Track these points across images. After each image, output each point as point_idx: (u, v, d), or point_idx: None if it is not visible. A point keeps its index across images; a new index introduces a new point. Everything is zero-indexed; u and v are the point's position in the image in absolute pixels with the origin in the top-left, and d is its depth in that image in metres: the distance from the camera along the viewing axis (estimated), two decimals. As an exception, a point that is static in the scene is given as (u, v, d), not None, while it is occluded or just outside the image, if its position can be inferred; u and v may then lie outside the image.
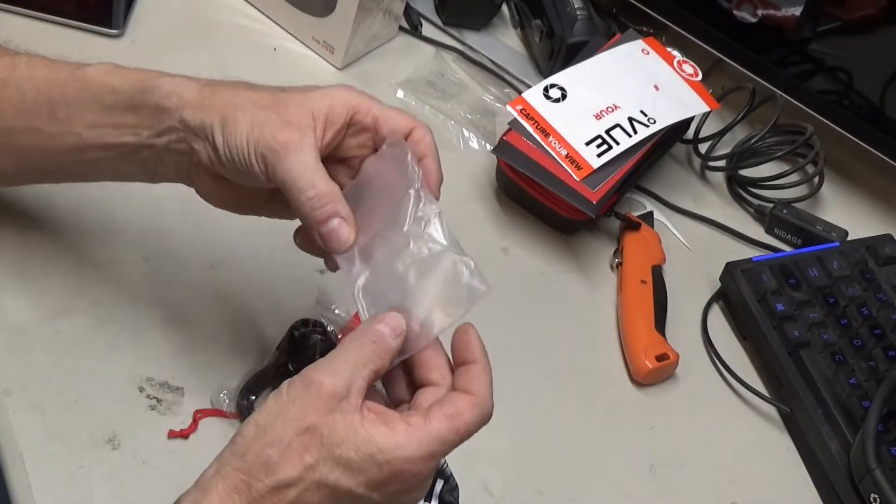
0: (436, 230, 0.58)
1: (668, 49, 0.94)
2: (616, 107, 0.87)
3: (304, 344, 0.70)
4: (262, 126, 0.58)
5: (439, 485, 0.65)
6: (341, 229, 0.58)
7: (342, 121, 0.60)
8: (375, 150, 0.62)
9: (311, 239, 0.61)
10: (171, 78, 0.61)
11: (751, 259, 0.88)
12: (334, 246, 0.58)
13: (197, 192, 0.64)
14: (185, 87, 0.60)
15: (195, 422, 0.68)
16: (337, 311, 0.74)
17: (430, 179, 0.61)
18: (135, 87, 0.61)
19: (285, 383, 0.53)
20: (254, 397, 0.68)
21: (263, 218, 0.71)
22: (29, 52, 0.66)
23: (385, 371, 0.55)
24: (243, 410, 0.68)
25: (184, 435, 0.67)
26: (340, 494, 0.52)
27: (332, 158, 0.61)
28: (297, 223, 0.62)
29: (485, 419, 0.54)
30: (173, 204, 0.78)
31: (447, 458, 0.65)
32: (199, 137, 0.59)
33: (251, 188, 0.62)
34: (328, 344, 0.70)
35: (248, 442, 0.52)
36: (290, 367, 0.69)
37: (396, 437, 0.51)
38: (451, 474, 0.66)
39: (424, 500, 0.64)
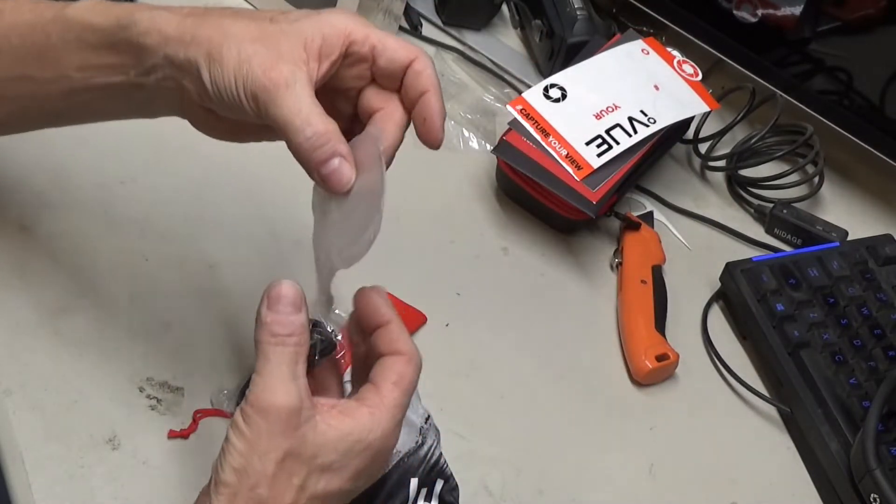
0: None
1: (668, 49, 0.94)
2: (616, 106, 0.87)
3: None
4: (250, 62, 0.53)
5: (439, 485, 0.65)
6: (342, 168, 0.54)
7: (338, 52, 0.56)
8: (373, 80, 0.58)
9: None
10: (150, 12, 0.56)
11: (751, 259, 0.88)
12: (336, 186, 0.54)
13: (192, 124, 0.61)
14: (165, 22, 0.55)
15: (195, 422, 0.68)
16: (337, 311, 0.74)
17: (432, 113, 0.57)
18: (113, 24, 0.57)
19: (238, 417, 0.53)
20: None
21: (263, 220, 0.71)
22: None
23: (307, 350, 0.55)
24: None
25: (184, 435, 0.67)
26: (332, 496, 0.53)
27: (329, 88, 0.58)
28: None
29: (420, 370, 0.56)
30: (174, 203, 0.78)
31: (447, 458, 0.65)
32: (186, 73, 0.55)
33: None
34: (328, 344, 0.70)
35: (232, 489, 0.51)
36: None
37: (364, 422, 0.53)
38: (451, 474, 0.66)
39: (425, 501, 0.64)
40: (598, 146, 0.85)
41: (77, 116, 0.64)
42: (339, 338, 0.70)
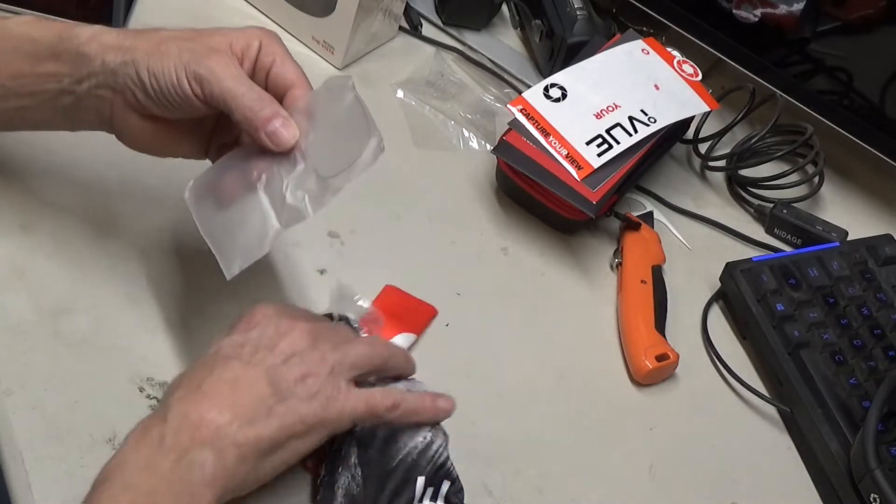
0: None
1: (668, 49, 0.94)
2: (616, 106, 0.87)
3: None
4: (190, 52, 0.62)
5: (445, 486, 0.65)
6: (288, 125, 0.62)
7: (255, 54, 0.65)
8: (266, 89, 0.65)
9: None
10: (91, 26, 0.65)
11: (751, 259, 0.88)
12: (284, 140, 0.62)
13: (118, 137, 0.67)
14: (105, 34, 0.64)
15: (195, 422, 0.68)
16: (359, 302, 0.74)
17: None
18: (55, 37, 0.64)
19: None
20: None
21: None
22: None
23: None
24: None
25: (184, 435, 0.67)
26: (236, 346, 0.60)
27: None
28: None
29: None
30: (174, 203, 0.78)
31: (453, 459, 0.65)
32: (120, 76, 0.63)
33: (173, 125, 0.66)
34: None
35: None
36: None
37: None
38: (458, 477, 0.66)
39: (430, 500, 0.64)
40: (599, 146, 0.85)
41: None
42: (364, 329, 0.72)
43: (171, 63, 0.62)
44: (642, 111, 0.88)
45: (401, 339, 0.76)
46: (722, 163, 0.99)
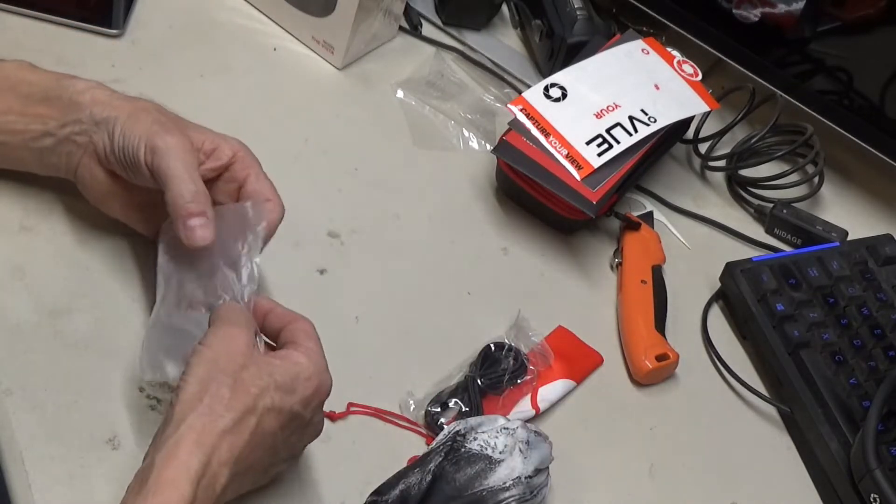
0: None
1: (668, 49, 0.94)
2: (616, 106, 0.87)
3: (497, 362, 0.75)
4: (160, 125, 0.65)
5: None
6: (208, 226, 0.64)
7: (225, 160, 0.68)
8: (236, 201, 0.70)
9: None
10: (86, 80, 0.69)
11: (751, 259, 0.88)
12: (197, 238, 0.64)
13: (78, 185, 0.70)
14: (99, 89, 0.68)
15: (195, 422, 0.67)
16: (533, 337, 0.78)
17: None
18: (51, 83, 0.68)
19: (197, 344, 0.60)
20: (439, 409, 0.73)
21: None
22: None
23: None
24: (430, 420, 0.72)
25: (184, 435, 0.67)
26: (285, 415, 0.60)
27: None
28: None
29: (315, 330, 0.65)
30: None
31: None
32: (100, 129, 0.66)
33: (129, 192, 0.69)
34: (520, 365, 0.75)
35: (197, 395, 0.57)
36: (478, 381, 0.74)
37: (303, 360, 0.61)
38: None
39: None
40: (599, 145, 0.85)
41: None
42: (529, 360, 0.76)
43: (141, 128, 0.65)
44: (642, 111, 0.88)
45: (561, 385, 0.77)
46: (722, 163, 0.99)
